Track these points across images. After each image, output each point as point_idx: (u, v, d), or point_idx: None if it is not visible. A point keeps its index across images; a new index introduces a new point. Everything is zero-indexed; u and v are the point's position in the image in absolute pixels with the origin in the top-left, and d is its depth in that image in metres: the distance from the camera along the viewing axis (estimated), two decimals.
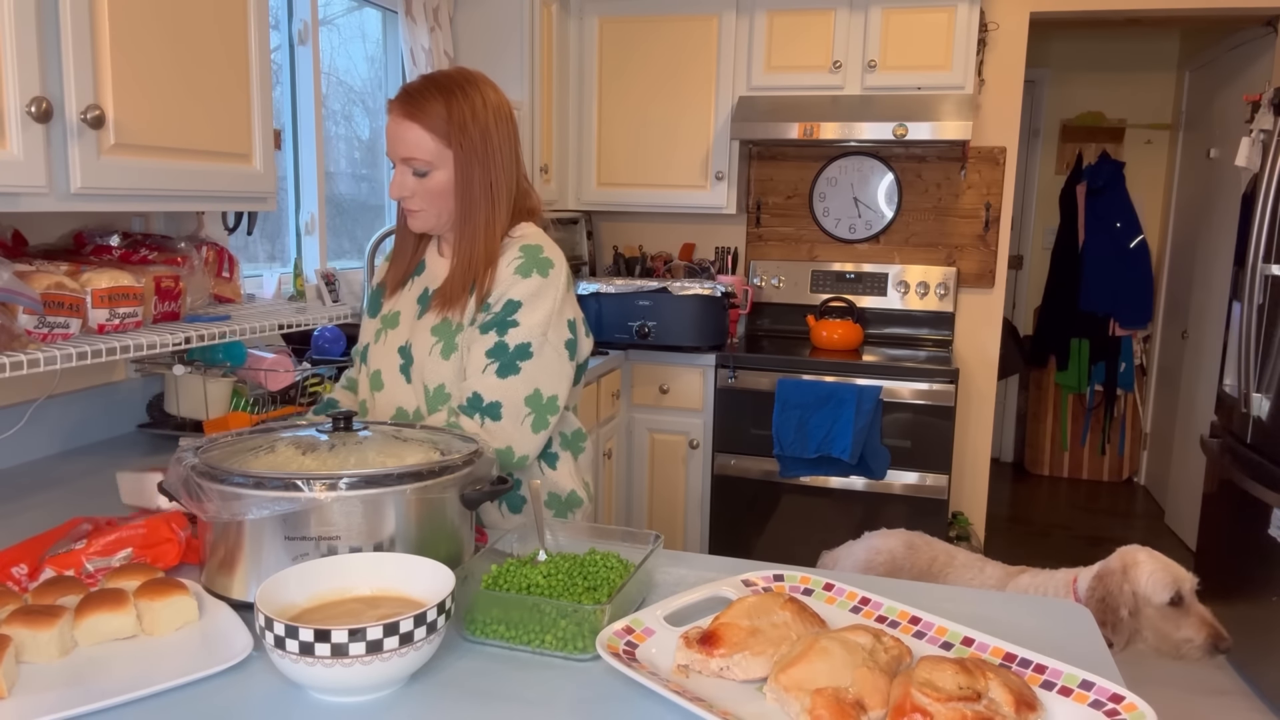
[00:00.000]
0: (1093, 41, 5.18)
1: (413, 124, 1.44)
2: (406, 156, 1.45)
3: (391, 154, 1.48)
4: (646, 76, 3.63)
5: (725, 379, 3.33)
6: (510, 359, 1.45)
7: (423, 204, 1.48)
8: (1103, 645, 1.13)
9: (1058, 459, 5.33)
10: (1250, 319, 2.97)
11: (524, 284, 1.47)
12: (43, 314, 1.48)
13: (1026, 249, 5.45)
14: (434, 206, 1.49)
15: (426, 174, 1.46)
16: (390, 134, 1.47)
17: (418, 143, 1.44)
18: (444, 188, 1.47)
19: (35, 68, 1.33)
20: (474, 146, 1.46)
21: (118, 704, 0.94)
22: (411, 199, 1.48)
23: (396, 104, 1.46)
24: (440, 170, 1.46)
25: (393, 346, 1.56)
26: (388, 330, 1.58)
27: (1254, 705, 2.92)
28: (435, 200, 1.48)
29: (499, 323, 1.46)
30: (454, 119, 1.45)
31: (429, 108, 1.44)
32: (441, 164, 1.46)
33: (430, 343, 1.50)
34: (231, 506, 1.10)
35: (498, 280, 1.48)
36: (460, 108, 1.45)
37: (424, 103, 1.44)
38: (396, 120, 1.46)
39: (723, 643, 1.01)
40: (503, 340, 1.45)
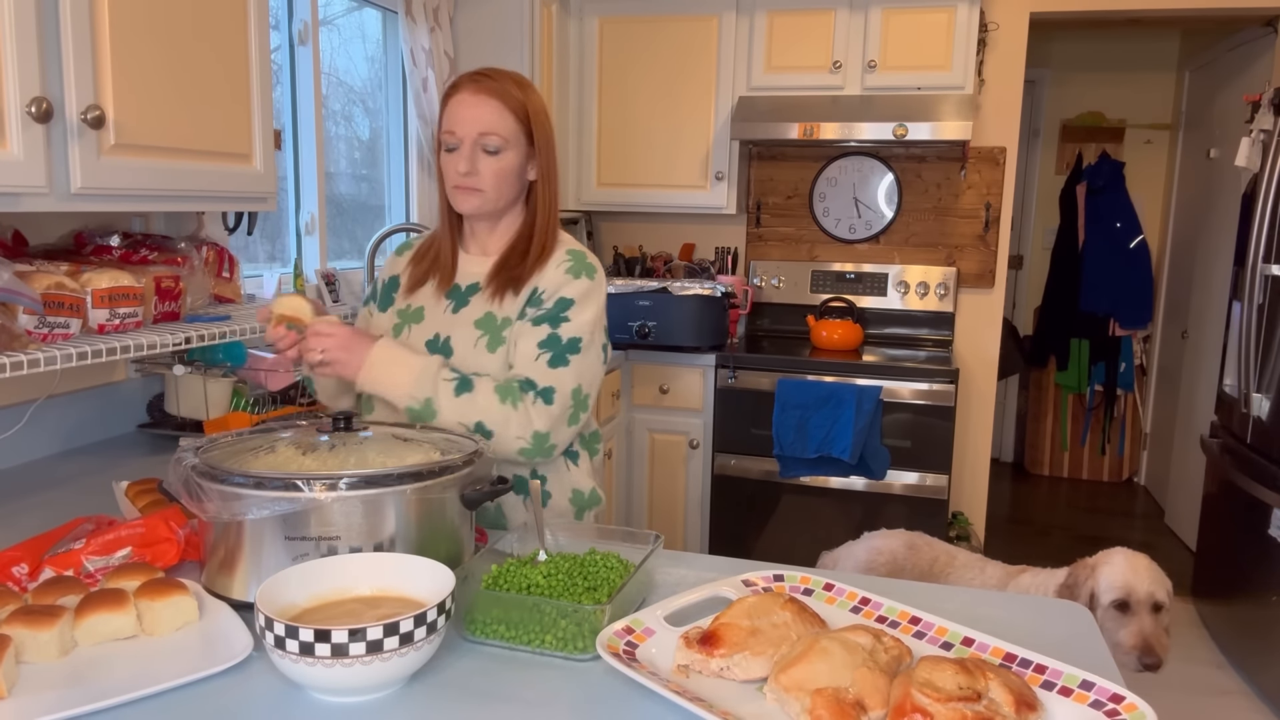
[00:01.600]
0: (1093, 41, 5.17)
1: (492, 99, 1.45)
2: (484, 131, 1.45)
3: (463, 130, 1.46)
4: (647, 77, 3.63)
5: (725, 379, 3.33)
6: (561, 351, 1.48)
7: (487, 184, 1.48)
8: (1103, 645, 1.13)
9: (1058, 459, 5.33)
10: (1250, 319, 2.97)
11: (576, 284, 1.50)
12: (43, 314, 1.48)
13: (1026, 249, 5.45)
14: (497, 188, 1.49)
15: (498, 152, 1.46)
16: (463, 110, 1.46)
17: (497, 119, 1.45)
18: (511, 170, 1.49)
19: (35, 68, 1.33)
20: (547, 138, 1.51)
21: (118, 704, 0.94)
22: (475, 177, 1.47)
23: (472, 81, 1.47)
24: (511, 151, 1.47)
25: (418, 341, 1.56)
26: (410, 325, 1.58)
27: (1254, 705, 2.92)
28: (500, 181, 1.49)
29: (552, 317, 1.49)
30: (532, 105, 1.49)
31: (507, 88, 1.47)
32: (514, 145, 1.47)
33: (474, 336, 1.51)
34: (231, 506, 1.10)
35: (547, 279, 1.50)
36: (535, 98, 1.50)
37: (502, 83, 1.47)
38: (473, 95, 1.46)
39: (723, 643, 1.01)
40: (556, 333, 1.48)
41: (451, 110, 1.48)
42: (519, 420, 1.45)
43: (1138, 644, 1.88)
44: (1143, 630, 1.88)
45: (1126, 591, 1.90)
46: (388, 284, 1.65)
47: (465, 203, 1.50)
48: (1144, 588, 1.89)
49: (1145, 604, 1.89)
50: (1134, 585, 1.90)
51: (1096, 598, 1.93)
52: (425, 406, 1.43)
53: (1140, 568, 1.92)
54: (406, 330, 1.58)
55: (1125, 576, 1.91)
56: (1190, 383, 4.43)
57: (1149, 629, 1.88)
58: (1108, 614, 1.91)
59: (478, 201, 1.50)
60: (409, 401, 1.43)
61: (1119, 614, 1.91)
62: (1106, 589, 1.92)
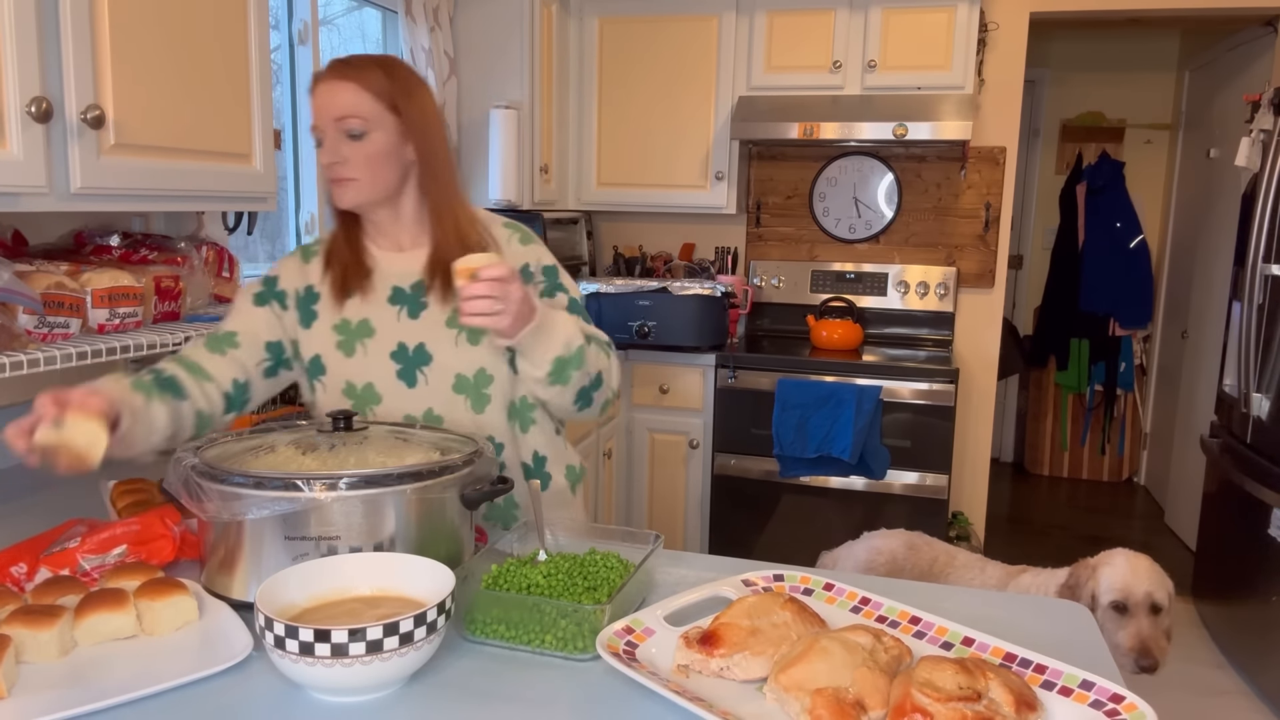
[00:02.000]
0: (1093, 41, 5.18)
1: (346, 82, 1.37)
2: (340, 115, 1.36)
3: (322, 119, 1.38)
4: (646, 76, 3.63)
5: (725, 379, 3.33)
6: (582, 311, 1.52)
7: (357, 170, 1.39)
8: (1103, 645, 1.14)
9: (1058, 459, 5.33)
10: (1250, 319, 2.97)
11: (536, 249, 1.53)
12: (43, 314, 1.48)
13: (1026, 249, 5.45)
14: (370, 174, 1.39)
15: (362, 135, 1.37)
16: (319, 99, 1.39)
17: (353, 100, 1.36)
18: (381, 151, 1.39)
19: (35, 68, 1.33)
20: (421, 113, 1.41)
21: (118, 704, 0.94)
22: (345, 165, 1.39)
23: (327, 71, 1.40)
24: (378, 132, 1.38)
25: (381, 355, 1.47)
26: (361, 340, 1.48)
27: (1254, 705, 2.92)
28: (373, 166, 1.39)
29: (556, 286, 1.51)
30: (398, 83, 1.39)
31: (365, 70, 1.38)
32: (379, 125, 1.38)
33: (451, 335, 1.46)
34: (231, 506, 1.10)
35: (510, 257, 1.48)
36: (403, 76, 1.41)
37: (360, 67, 1.38)
38: (327, 84, 1.38)
39: (723, 643, 1.01)
40: (573, 298, 1.52)
41: (312, 103, 1.40)
42: (616, 372, 1.50)
43: (1134, 645, 1.88)
44: (1140, 632, 1.88)
45: (1124, 593, 1.90)
46: (304, 296, 1.51)
47: (343, 196, 1.42)
48: (1142, 589, 1.89)
49: (1143, 605, 1.89)
50: (1132, 587, 1.90)
51: (1096, 598, 1.94)
52: (578, 352, 1.39)
53: (1140, 569, 1.92)
54: (360, 346, 1.47)
55: (1124, 578, 1.91)
56: (1190, 383, 4.43)
57: (1146, 631, 1.88)
58: (1107, 614, 1.92)
59: (353, 192, 1.40)
60: (564, 350, 1.37)
61: (1117, 615, 1.91)
62: (1105, 590, 1.92)
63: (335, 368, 1.49)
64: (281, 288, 1.51)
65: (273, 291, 1.51)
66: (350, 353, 1.48)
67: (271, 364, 1.50)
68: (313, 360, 1.50)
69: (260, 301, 1.50)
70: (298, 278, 1.52)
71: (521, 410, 1.52)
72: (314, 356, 1.50)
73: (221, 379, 1.44)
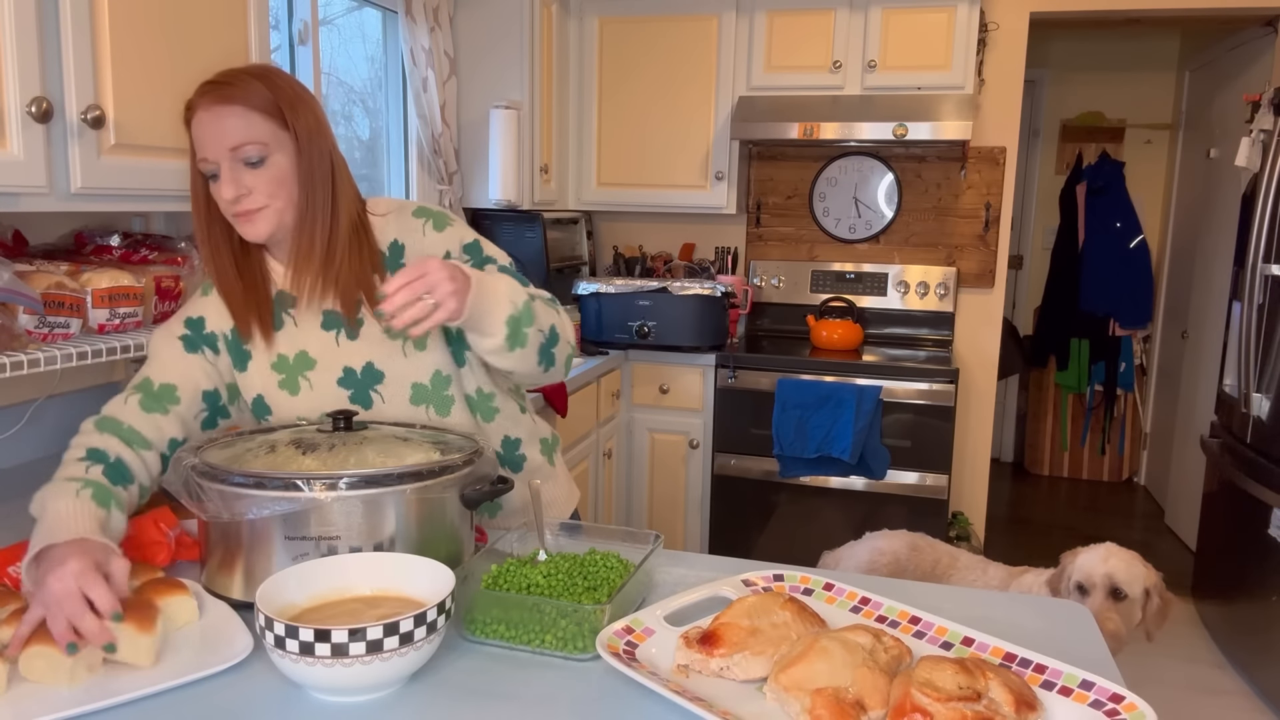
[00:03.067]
0: (1093, 41, 5.18)
1: (233, 106, 1.24)
2: (236, 144, 1.24)
3: (213, 152, 1.25)
4: (646, 76, 3.64)
5: (725, 379, 3.33)
6: (517, 275, 1.40)
7: (266, 198, 1.27)
8: (1103, 645, 1.14)
9: (1058, 459, 5.33)
10: (1250, 319, 2.97)
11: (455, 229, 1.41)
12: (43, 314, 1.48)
13: (1026, 249, 5.45)
14: (279, 199, 1.28)
15: (262, 161, 1.26)
16: (204, 130, 1.25)
17: (246, 125, 1.24)
18: (287, 174, 1.28)
19: (35, 68, 1.33)
20: (310, 123, 1.29)
21: (118, 704, 0.94)
22: (250, 196, 1.26)
23: (205, 95, 1.25)
24: (278, 153, 1.27)
25: (329, 385, 1.40)
26: (303, 373, 1.39)
27: (1254, 705, 2.92)
28: (281, 191, 1.28)
29: (483, 260, 1.40)
30: (282, 95, 1.27)
31: (248, 88, 1.25)
32: (279, 146, 1.27)
33: (396, 347, 1.39)
34: (231, 506, 1.10)
35: (428, 246, 1.38)
36: (280, 84, 1.28)
37: (239, 85, 1.25)
38: (210, 110, 1.24)
39: (723, 643, 1.01)
40: (504, 266, 1.42)
41: (196, 134, 1.27)
42: (568, 325, 1.41)
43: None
44: (1093, 609, 1.94)
45: (1085, 575, 2.01)
46: (232, 339, 1.40)
47: (254, 229, 1.29)
48: (1100, 571, 1.99)
49: (1101, 588, 1.98)
50: (1092, 570, 2.00)
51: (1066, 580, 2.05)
52: (525, 308, 1.29)
53: (1111, 557, 2.01)
54: (303, 381, 1.39)
55: (1090, 563, 2.01)
56: (1190, 383, 4.43)
57: (1095, 608, 1.95)
58: (1073, 596, 2.02)
59: (265, 222, 1.28)
60: (511, 309, 1.27)
61: (1081, 596, 2.01)
62: (1072, 573, 2.03)
63: (282, 407, 1.40)
64: (210, 330, 1.40)
65: (201, 336, 1.39)
66: (295, 390, 1.40)
67: (209, 414, 1.40)
68: (255, 401, 1.42)
69: (191, 348, 1.38)
70: (223, 318, 1.40)
71: (480, 402, 1.47)
72: (256, 397, 1.41)
73: (160, 442, 1.32)
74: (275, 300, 1.39)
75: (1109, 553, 2.01)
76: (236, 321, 1.38)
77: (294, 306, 1.39)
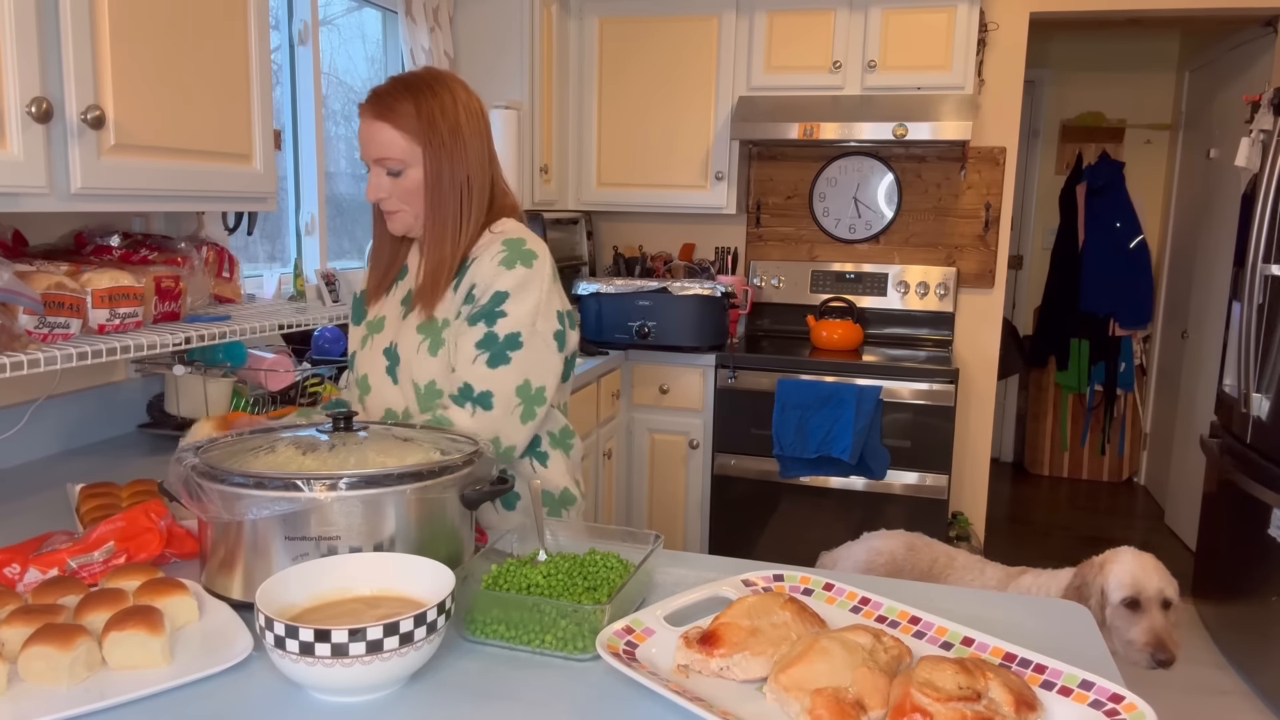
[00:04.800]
0: (1093, 41, 5.18)
1: (383, 124, 1.45)
2: (379, 157, 1.46)
3: (365, 156, 1.48)
4: (646, 76, 3.63)
5: (725, 379, 3.33)
6: (500, 349, 1.44)
7: (399, 204, 1.49)
8: (1103, 645, 1.14)
9: (1058, 459, 5.33)
10: (1250, 319, 2.97)
11: (509, 275, 1.45)
12: (43, 314, 1.48)
13: (1026, 249, 5.45)
14: (411, 206, 1.49)
15: (400, 173, 1.46)
16: (362, 136, 1.48)
17: (389, 142, 1.45)
18: (418, 186, 1.48)
19: (35, 68, 1.33)
20: (443, 142, 1.46)
21: (118, 704, 0.94)
22: (388, 200, 1.48)
23: (366, 106, 1.47)
24: (414, 168, 1.46)
25: (378, 350, 1.57)
26: (373, 335, 1.59)
27: (1254, 705, 2.92)
28: (411, 199, 1.48)
29: (487, 314, 1.45)
30: (423, 115, 1.45)
31: (398, 107, 1.44)
32: (414, 162, 1.46)
33: (417, 341, 1.50)
34: (231, 506, 1.10)
35: (482, 274, 1.46)
36: (429, 105, 1.45)
37: (393, 102, 1.45)
38: (367, 122, 1.46)
39: (723, 643, 1.01)
40: (492, 331, 1.44)
41: (359, 134, 1.50)
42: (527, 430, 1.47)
43: (1150, 641, 1.86)
44: (1154, 627, 1.86)
45: (1136, 589, 1.88)
46: (358, 298, 1.68)
47: (393, 224, 1.52)
48: (1154, 584, 1.88)
49: (1155, 600, 1.88)
50: (1143, 582, 1.88)
51: (1106, 596, 1.92)
52: None
53: (1149, 565, 1.91)
54: (370, 341, 1.59)
55: (1134, 574, 1.89)
56: (1190, 383, 4.43)
57: (1160, 626, 1.86)
58: (1118, 612, 1.90)
59: (399, 222, 1.51)
60: None
61: (1129, 612, 1.89)
62: (1116, 587, 1.90)
63: (359, 359, 1.63)
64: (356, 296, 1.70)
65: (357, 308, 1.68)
66: (364, 346, 1.61)
67: None
68: (354, 352, 1.65)
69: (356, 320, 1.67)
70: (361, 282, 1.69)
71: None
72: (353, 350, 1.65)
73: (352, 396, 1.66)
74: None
75: (1143, 561, 1.91)
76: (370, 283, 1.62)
77: (402, 278, 1.60)
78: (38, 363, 1.42)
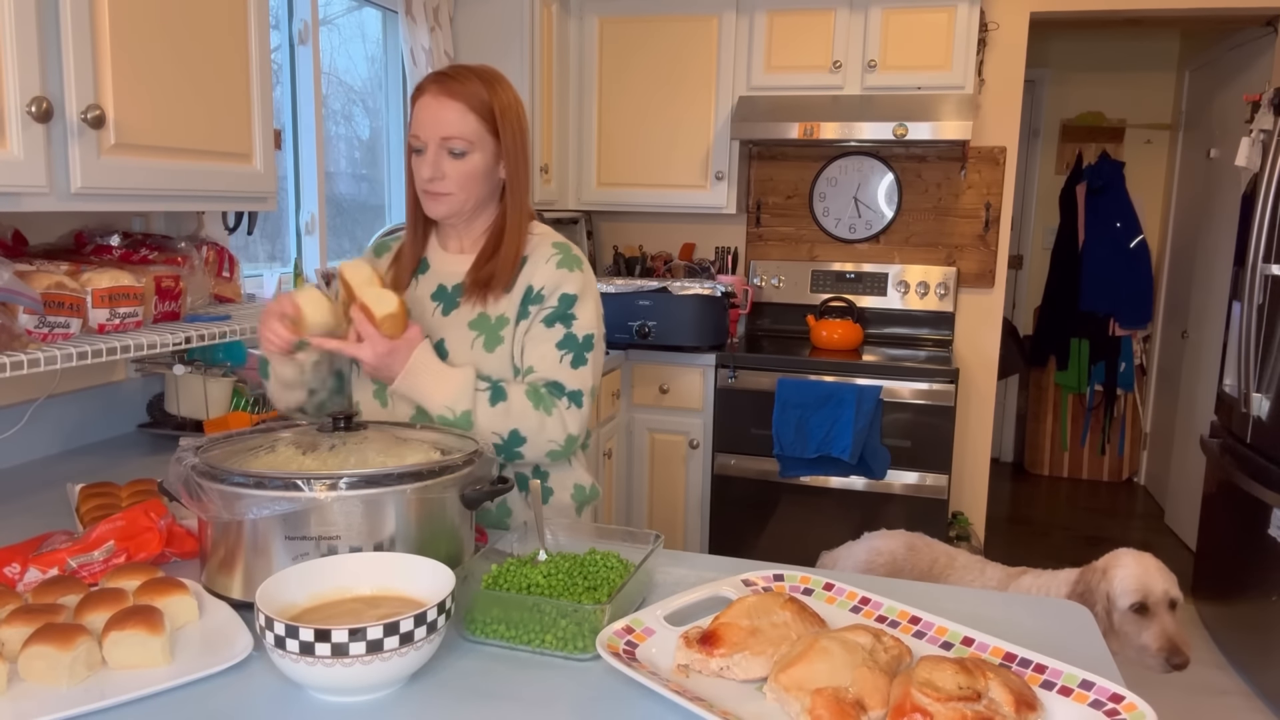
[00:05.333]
0: (1093, 41, 5.18)
1: (454, 101, 1.42)
2: (447, 135, 1.43)
3: (426, 134, 1.44)
4: (646, 76, 3.63)
5: (725, 379, 3.33)
6: (580, 351, 1.48)
7: (454, 187, 1.46)
8: (1103, 645, 1.14)
9: (1058, 459, 5.33)
10: (1250, 319, 2.97)
11: (572, 278, 1.50)
12: (43, 314, 1.48)
13: (1026, 249, 5.45)
14: (466, 190, 1.47)
15: (464, 155, 1.44)
16: (426, 114, 1.44)
17: (459, 121, 1.42)
18: (479, 171, 1.46)
19: (35, 68, 1.33)
20: (514, 135, 1.48)
21: (118, 704, 0.94)
22: (443, 181, 1.45)
23: (435, 84, 1.44)
24: (478, 153, 1.45)
25: None
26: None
27: (1254, 705, 2.92)
28: (469, 184, 1.46)
29: (563, 316, 1.48)
30: (498, 103, 1.45)
31: (471, 88, 1.43)
32: (481, 146, 1.45)
33: (470, 337, 1.49)
34: (232, 506, 1.10)
35: (543, 276, 1.49)
36: (502, 95, 1.47)
37: (466, 83, 1.43)
38: (436, 98, 1.43)
39: (723, 642, 1.01)
40: (571, 332, 1.48)
41: (417, 113, 1.45)
42: (554, 425, 1.45)
43: (1164, 645, 1.84)
44: (1166, 631, 1.84)
45: (1144, 593, 1.86)
46: None
47: (435, 207, 1.48)
48: (1159, 587, 1.86)
49: (1163, 603, 1.86)
50: (1150, 586, 1.86)
51: (1113, 601, 1.89)
52: (462, 418, 1.41)
53: (1151, 568, 1.90)
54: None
55: (1140, 578, 1.87)
56: (1190, 383, 4.43)
57: (1171, 628, 1.85)
58: (1126, 618, 1.87)
59: (446, 206, 1.48)
60: (444, 412, 1.41)
61: (1138, 617, 1.87)
62: (1122, 592, 1.87)
63: None
64: None
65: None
66: None
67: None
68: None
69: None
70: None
71: None
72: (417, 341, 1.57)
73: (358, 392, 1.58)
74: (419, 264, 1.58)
75: (1145, 563, 1.89)
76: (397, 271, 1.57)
77: (424, 272, 1.57)
78: (38, 362, 1.42)
